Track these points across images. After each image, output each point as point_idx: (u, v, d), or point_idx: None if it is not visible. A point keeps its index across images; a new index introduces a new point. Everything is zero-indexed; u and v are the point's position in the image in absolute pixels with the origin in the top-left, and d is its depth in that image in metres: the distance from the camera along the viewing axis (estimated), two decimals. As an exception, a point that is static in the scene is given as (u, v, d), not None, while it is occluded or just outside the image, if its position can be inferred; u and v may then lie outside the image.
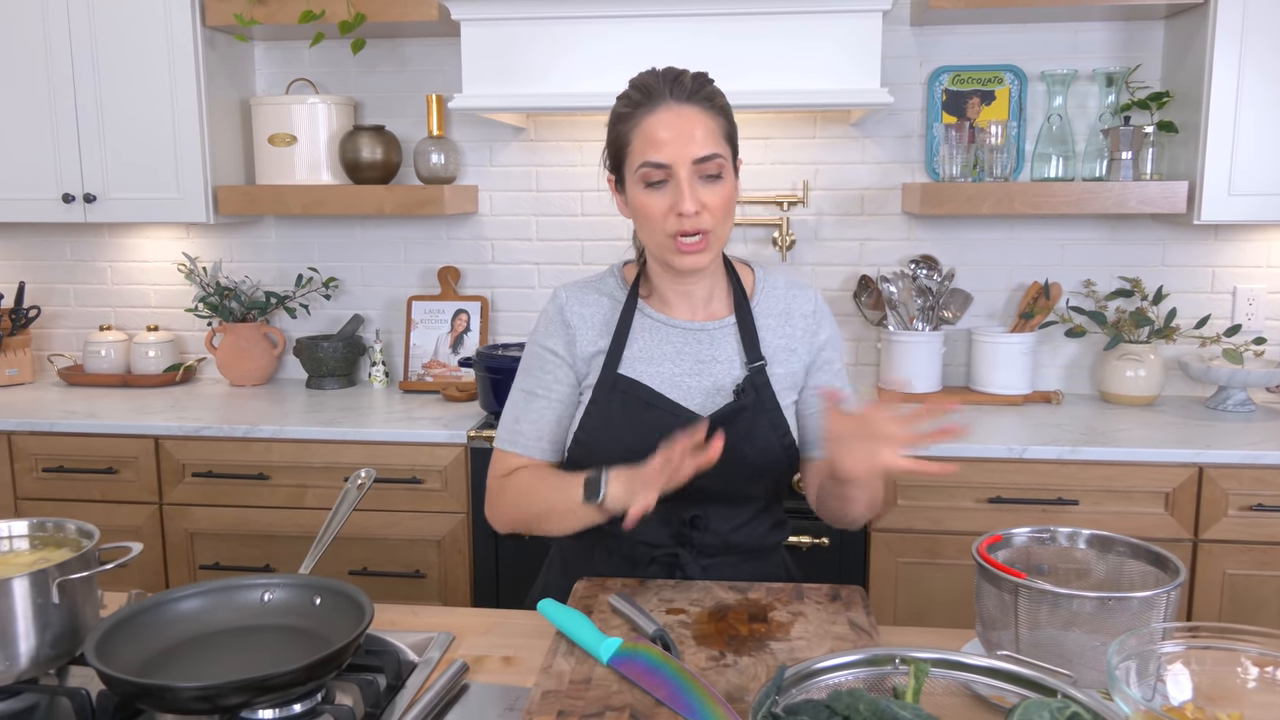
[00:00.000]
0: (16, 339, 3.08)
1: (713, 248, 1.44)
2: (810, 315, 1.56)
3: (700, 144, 1.39)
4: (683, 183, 1.39)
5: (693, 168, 1.39)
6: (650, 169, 1.40)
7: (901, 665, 0.94)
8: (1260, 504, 2.28)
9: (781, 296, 1.57)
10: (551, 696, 1.08)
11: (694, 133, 1.39)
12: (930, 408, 1.30)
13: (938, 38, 2.82)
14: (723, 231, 1.45)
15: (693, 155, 1.39)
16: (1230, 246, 2.82)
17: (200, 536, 2.61)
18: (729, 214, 1.45)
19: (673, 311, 1.54)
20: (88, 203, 2.80)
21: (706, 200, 1.40)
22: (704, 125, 1.41)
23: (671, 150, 1.39)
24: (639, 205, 1.44)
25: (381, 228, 3.09)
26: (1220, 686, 1.05)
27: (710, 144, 1.40)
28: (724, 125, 1.44)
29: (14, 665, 1.17)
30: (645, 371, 1.50)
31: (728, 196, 1.43)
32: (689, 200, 1.39)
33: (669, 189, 1.40)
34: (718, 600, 1.35)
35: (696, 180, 1.40)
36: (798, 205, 2.90)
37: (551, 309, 1.56)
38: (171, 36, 2.70)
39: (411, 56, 2.99)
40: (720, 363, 1.51)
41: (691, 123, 1.40)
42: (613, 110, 1.47)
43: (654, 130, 1.40)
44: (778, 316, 1.55)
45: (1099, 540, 1.27)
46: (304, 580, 1.31)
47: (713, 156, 1.40)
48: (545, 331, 1.56)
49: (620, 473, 1.36)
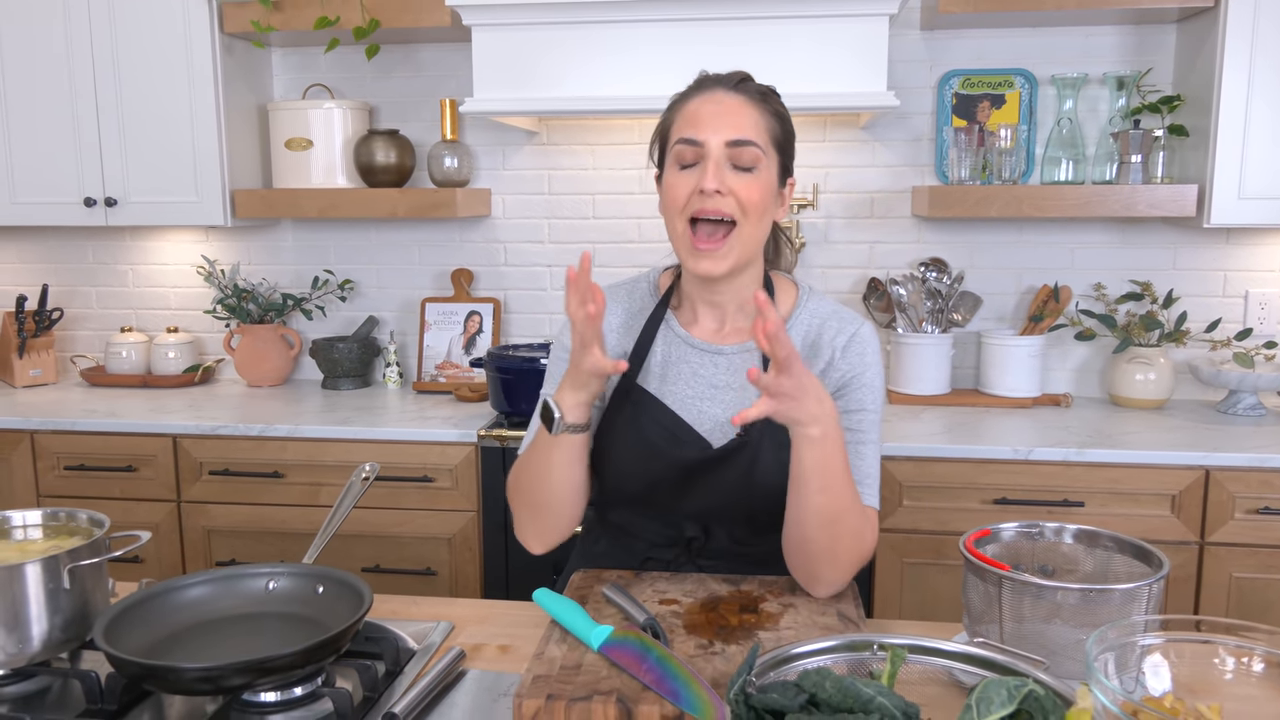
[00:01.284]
0: (40, 340, 3.14)
1: (733, 251, 1.38)
2: (841, 348, 1.45)
3: (736, 127, 1.36)
4: (710, 161, 1.35)
5: (726, 150, 1.36)
6: (684, 146, 1.38)
7: (879, 651, 0.96)
8: (1267, 507, 2.27)
9: (816, 324, 1.48)
10: (542, 681, 1.11)
11: (732, 116, 1.36)
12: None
13: (947, 42, 2.84)
14: (749, 232, 1.38)
15: (727, 136, 1.35)
16: (1242, 250, 2.81)
17: (217, 533, 2.65)
18: (760, 214, 1.38)
19: (697, 328, 1.50)
20: (109, 206, 2.86)
21: (735, 187, 1.35)
22: (746, 113, 1.38)
23: (707, 128, 1.36)
24: (667, 186, 1.40)
25: (396, 230, 3.14)
26: (1199, 678, 1.06)
27: (748, 130, 1.36)
28: (771, 125, 1.40)
29: (26, 648, 1.21)
30: (661, 388, 1.48)
31: (760, 193, 1.37)
32: (711, 176, 1.34)
33: (698, 170, 1.37)
34: (711, 592, 1.37)
35: (728, 165, 1.36)
36: (808, 208, 2.92)
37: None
38: (190, 43, 2.76)
39: (425, 62, 3.03)
40: (734, 390, 1.46)
41: (733, 107, 1.37)
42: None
43: (695, 109, 1.39)
44: (805, 346, 1.47)
45: (1086, 535, 1.28)
46: (307, 569, 1.35)
47: (748, 143, 1.36)
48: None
49: (561, 387, 1.37)
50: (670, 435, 1.45)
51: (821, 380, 1.43)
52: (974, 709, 0.76)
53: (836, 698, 0.78)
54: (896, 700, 0.78)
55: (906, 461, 2.37)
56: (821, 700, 0.79)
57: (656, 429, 1.44)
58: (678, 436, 1.45)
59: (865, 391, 1.44)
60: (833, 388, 1.44)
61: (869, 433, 1.43)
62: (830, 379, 1.45)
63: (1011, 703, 0.76)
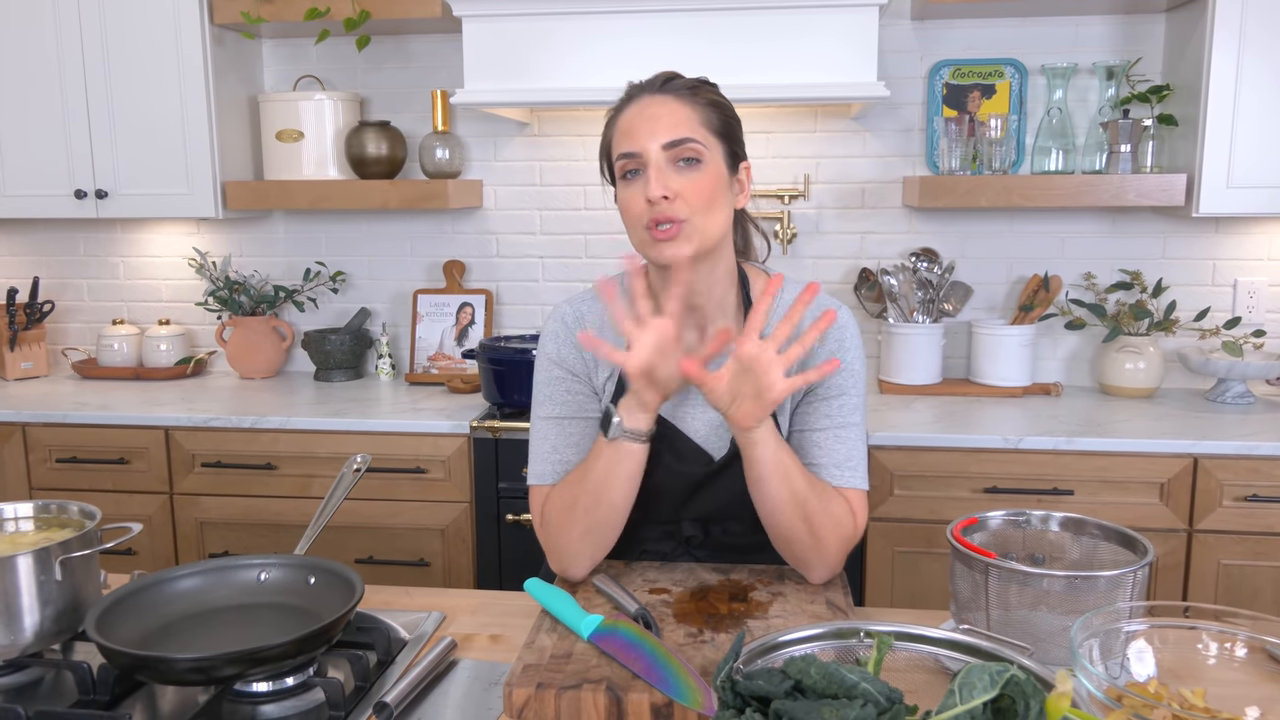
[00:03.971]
0: (31, 333, 3.14)
1: (691, 238, 1.35)
2: (820, 336, 1.39)
3: (669, 129, 1.35)
4: (650, 169, 1.34)
5: (663, 153, 1.34)
6: (624, 160, 1.37)
7: (866, 639, 0.97)
8: (1255, 495, 2.29)
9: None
10: (532, 670, 1.11)
11: (662, 119, 1.35)
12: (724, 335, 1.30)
13: (938, 32, 2.84)
14: (703, 222, 1.35)
15: (661, 140, 1.34)
16: (1231, 239, 2.83)
17: (210, 525, 2.66)
18: (710, 204, 1.36)
19: None
20: (99, 198, 2.85)
21: (679, 187, 1.34)
22: (676, 112, 1.36)
23: (640, 137, 1.35)
24: (621, 201, 1.39)
25: (388, 222, 3.14)
26: (1184, 663, 1.07)
27: (682, 129, 1.35)
28: (707, 116, 1.38)
29: (19, 639, 1.22)
30: None
31: (706, 185, 1.35)
32: (654, 185, 1.33)
33: (642, 179, 1.36)
34: (700, 581, 1.38)
35: (669, 167, 1.35)
36: (798, 199, 2.93)
37: (560, 330, 1.49)
38: (180, 34, 2.75)
39: (416, 53, 3.03)
40: None
41: (661, 110, 1.36)
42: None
43: (627, 122, 1.38)
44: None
45: (1072, 523, 1.29)
46: (299, 560, 1.35)
47: (684, 141, 1.34)
48: (558, 354, 1.48)
49: (626, 405, 1.34)
50: (672, 450, 1.44)
51: (802, 369, 1.42)
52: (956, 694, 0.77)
53: (821, 684, 0.79)
54: (880, 686, 0.79)
55: (898, 451, 2.39)
56: (807, 686, 0.80)
57: (657, 443, 1.41)
58: (679, 451, 1.45)
59: (846, 376, 1.44)
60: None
61: (851, 416, 1.43)
62: (806, 366, 1.44)
63: (993, 688, 0.77)
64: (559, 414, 1.46)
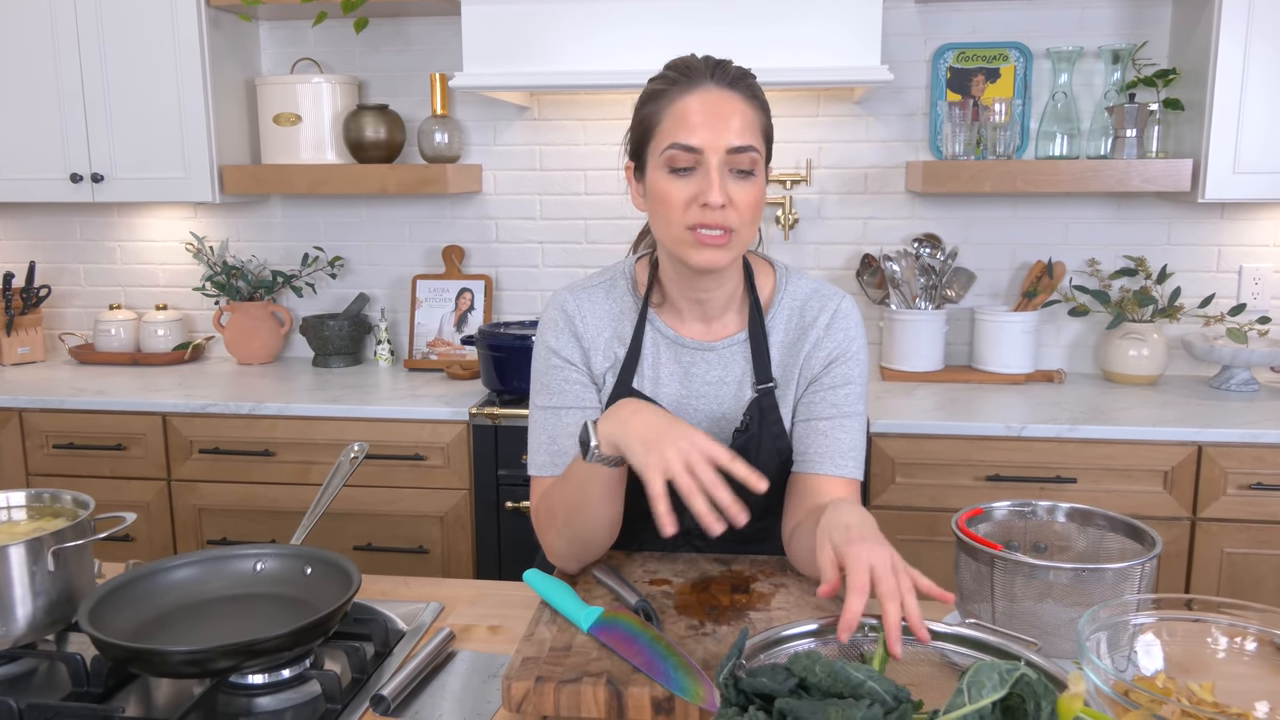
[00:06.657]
0: (28, 318, 3.12)
1: (734, 248, 1.31)
2: (825, 327, 1.42)
3: (737, 132, 1.28)
4: (712, 171, 1.27)
5: (725, 157, 1.27)
6: (679, 152, 1.28)
7: (870, 632, 0.95)
8: (1259, 483, 2.27)
9: (798, 306, 1.44)
10: (531, 662, 1.10)
11: (732, 119, 1.28)
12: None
13: (943, 15, 2.81)
14: (748, 235, 1.32)
15: (728, 143, 1.27)
16: (1236, 225, 2.80)
17: (208, 512, 2.64)
18: (756, 217, 1.32)
19: (684, 327, 1.44)
20: (95, 182, 2.83)
21: (735, 196, 1.28)
22: (744, 114, 1.29)
23: (705, 134, 1.27)
24: (659, 192, 1.30)
25: (386, 207, 3.11)
26: (1192, 657, 1.06)
27: (748, 135, 1.28)
28: (763, 121, 1.33)
29: (11, 631, 1.20)
30: (655, 391, 1.43)
31: (758, 197, 1.30)
32: (717, 191, 1.26)
33: (696, 177, 1.28)
34: (702, 572, 1.36)
35: (727, 172, 1.28)
36: (801, 184, 2.90)
37: (559, 318, 1.45)
38: (176, 16, 2.72)
39: (415, 36, 3.00)
40: (728, 385, 1.43)
41: (730, 108, 1.29)
42: (644, 90, 1.35)
43: (689, 111, 1.28)
44: (791, 329, 1.44)
45: (1079, 514, 1.27)
46: (295, 550, 1.34)
47: (748, 149, 1.28)
48: (556, 342, 1.44)
49: (607, 416, 1.24)
50: None
51: (808, 359, 1.42)
52: (965, 692, 0.75)
53: (826, 682, 0.77)
54: (887, 684, 0.77)
55: (900, 438, 2.37)
56: (811, 684, 0.79)
57: None
58: None
59: (851, 365, 1.42)
60: (819, 365, 1.42)
61: (855, 405, 1.42)
62: (817, 358, 1.42)
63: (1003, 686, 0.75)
64: (556, 404, 1.43)
